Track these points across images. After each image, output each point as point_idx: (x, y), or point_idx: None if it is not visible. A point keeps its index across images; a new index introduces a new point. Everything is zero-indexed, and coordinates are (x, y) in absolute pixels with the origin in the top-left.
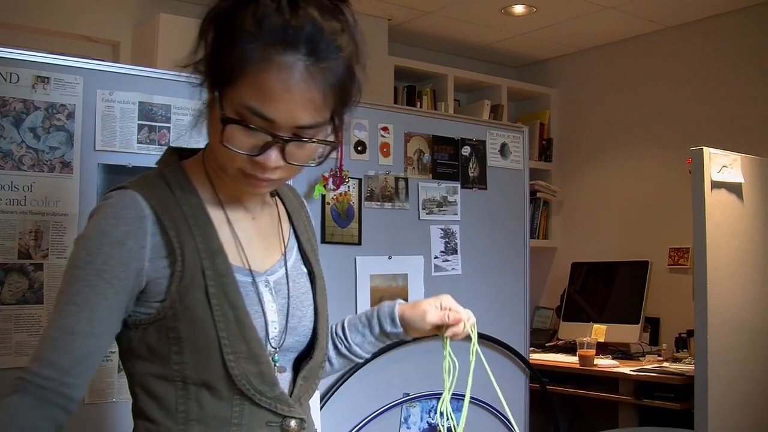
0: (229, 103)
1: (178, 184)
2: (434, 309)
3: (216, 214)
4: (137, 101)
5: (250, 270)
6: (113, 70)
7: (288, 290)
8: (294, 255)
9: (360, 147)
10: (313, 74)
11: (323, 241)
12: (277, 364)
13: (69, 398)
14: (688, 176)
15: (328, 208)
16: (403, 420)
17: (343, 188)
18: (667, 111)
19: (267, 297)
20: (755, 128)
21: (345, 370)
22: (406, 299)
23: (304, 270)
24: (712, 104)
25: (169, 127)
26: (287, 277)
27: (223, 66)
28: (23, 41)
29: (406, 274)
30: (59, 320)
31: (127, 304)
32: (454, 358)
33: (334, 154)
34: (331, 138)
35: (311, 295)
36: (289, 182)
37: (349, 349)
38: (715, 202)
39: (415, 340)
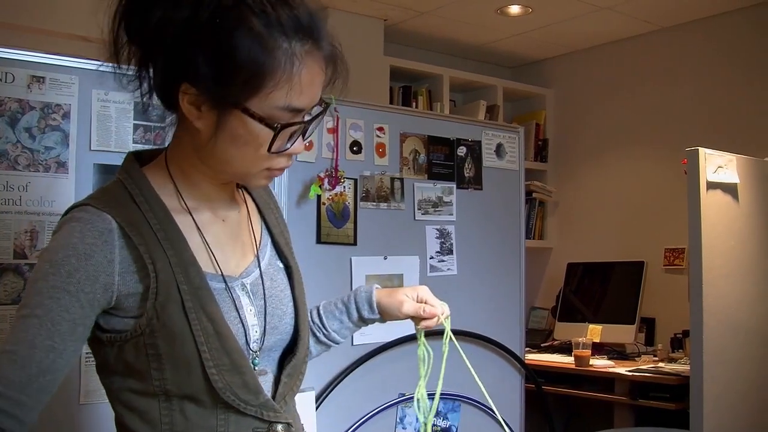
0: (259, 109)
1: (142, 195)
2: (410, 300)
3: (184, 222)
4: (133, 101)
5: (223, 276)
6: (109, 70)
7: (264, 290)
8: (268, 251)
9: (355, 147)
10: (322, 53)
11: (319, 241)
12: (257, 368)
13: (20, 421)
14: (684, 177)
15: (323, 208)
16: (398, 420)
17: (338, 188)
18: (663, 111)
19: (245, 300)
20: (750, 129)
21: (325, 352)
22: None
23: (280, 265)
24: (708, 105)
25: (165, 127)
26: (262, 276)
27: (243, 80)
28: (18, 41)
29: (402, 275)
30: (18, 333)
31: (93, 320)
32: (429, 348)
33: (329, 155)
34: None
35: (290, 291)
36: (284, 181)
37: (327, 336)
38: (711, 203)
39: (411, 340)
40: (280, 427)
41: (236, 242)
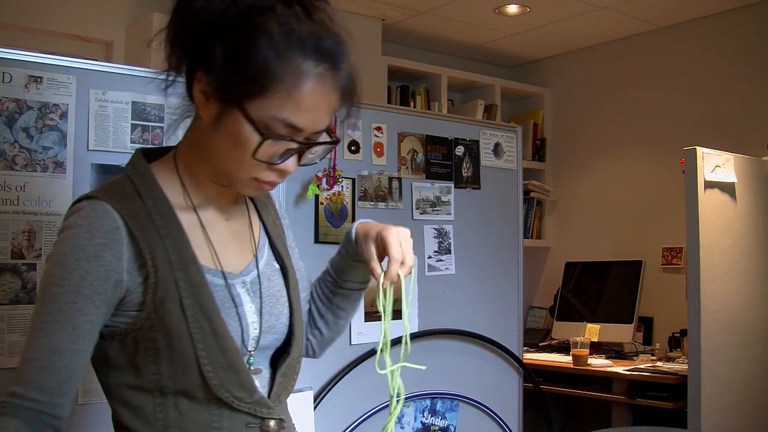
0: (256, 114)
1: (148, 191)
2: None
3: (188, 219)
4: (130, 101)
5: (223, 273)
6: (106, 70)
7: (261, 290)
8: (266, 252)
9: (353, 147)
10: (335, 82)
11: (316, 241)
12: (252, 367)
13: (57, 417)
14: (682, 176)
15: (321, 207)
16: (396, 420)
17: (336, 188)
18: (661, 111)
19: (245, 298)
20: (748, 128)
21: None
22: (399, 299)
23: (277, 267)
24: (705, 104)
25: (162, 127)
26: (259, 276)
27: (248, 78)
28: (16, 41)
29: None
30: (41, 340)
31: (108, 317)
32: (388, 297)
33: (327, 155)
34: (327, 137)
35: (285, 292)
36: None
37: (330, 300)
38: (708, 202)
39: (411, 339)
40: (272, 422)
41: (238, 241)
